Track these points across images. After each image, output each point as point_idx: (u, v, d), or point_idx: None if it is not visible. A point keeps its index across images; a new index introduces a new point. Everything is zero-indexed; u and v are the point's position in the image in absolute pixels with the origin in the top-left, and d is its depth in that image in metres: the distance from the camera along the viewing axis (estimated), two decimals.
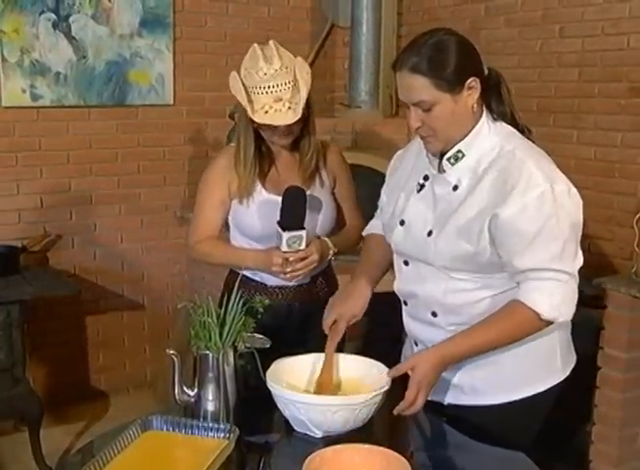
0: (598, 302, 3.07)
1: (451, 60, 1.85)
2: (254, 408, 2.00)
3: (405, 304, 2.12)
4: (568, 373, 2.09)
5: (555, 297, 1.85)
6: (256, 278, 2.55)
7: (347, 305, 2.14)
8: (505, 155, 1.90)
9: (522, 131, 1.99)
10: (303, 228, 2.35)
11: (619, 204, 3.52)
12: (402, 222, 2.05)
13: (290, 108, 2.32)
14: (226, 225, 2.61)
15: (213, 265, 2.78)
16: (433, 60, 1.83)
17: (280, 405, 1.90)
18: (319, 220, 2.53)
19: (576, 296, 1.89)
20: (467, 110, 1.89)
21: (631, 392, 3.12)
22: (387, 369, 1.98)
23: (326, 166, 2.58)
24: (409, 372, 1.87)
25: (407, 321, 2.13)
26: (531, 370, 2.03)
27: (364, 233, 2.36)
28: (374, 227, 2.31)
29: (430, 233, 1.96)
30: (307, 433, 1.87)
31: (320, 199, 2.53)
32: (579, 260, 1.90)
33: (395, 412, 1.85)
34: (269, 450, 1.95)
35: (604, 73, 3.57)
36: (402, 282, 2.10)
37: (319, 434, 1.86)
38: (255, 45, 2.37)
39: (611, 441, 3.14)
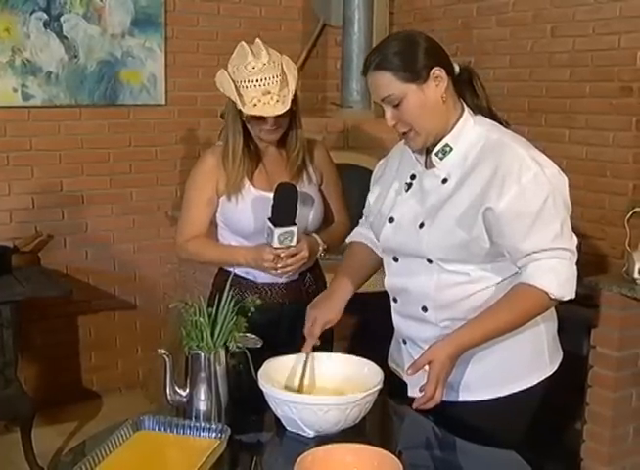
0: (589, 300, 3.08)
1: (412, 52, 1.89)
2: (246, 408, 2.00)
3: (395, 300, 2.12)
4: (555, 368, 2.10)
5: (561, 275, 1.87)
6: (247, 276, 2.55)
7: (323, 311, 2.14)
8: (493, 144, 1.93)
9: (500, 124, 2.02)
10: (295, 224, 2.36)
11: (611, 203, 3.53)
12: (391, 220, 2.06)
13: (278, 100, 2.35)
14: (214, 224, 2.61)
15: (203, 264, 2.78)
16: (394, 54, 1.89)
17: (272, 405, 1.90)
18: (310, 217, 2.54)
19: (576, 273, 1.92)
20: (437, 100, 1.92)
21: (622, 390, 3.13)
22: (377, 368, 1.99)
23: (313, 163, 2.60)
24: (426, 366, 1.86)
25: (396, 319, 2.13)
26: (520, 365, 2.03)
27: (347, 240, 2.37)
28: (357, 235, 2.32)
29: (421, 225, 1.97)
30: (299, 432, 1.87)
31: (311, 195, 2.54)
32: (575, 238, 1.93)
33: (415, 407, 1.86)
34: (261, 450, 1.96)
35: (595, 73, 3.58)
36: (392, 277, 2.11)
37: (311, 433, 1.86)
38: (243, 42, 2.40)
39: (602, 439, 3.15)
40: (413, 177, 2.05)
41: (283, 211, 2.34)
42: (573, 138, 3.69)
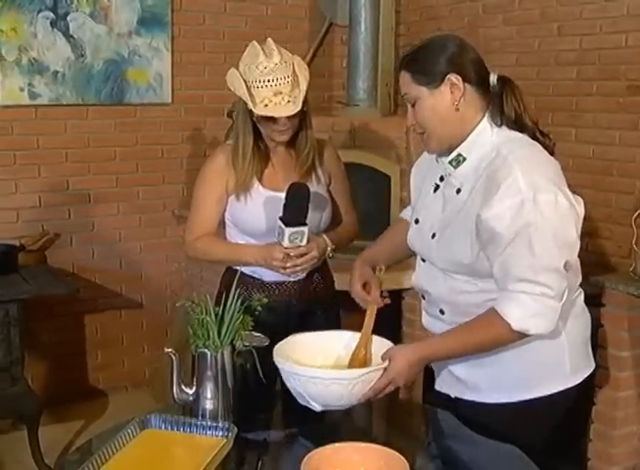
0: (596, 300, 3.07)
1: (435, 56, 1.89)
2: (253, 407, 2.00)
3: (423, 298, 2.14)
4: (579, 380, 2.03)
5: (527, 309, 1.81)
6: (254, 275, 2.55)
7: (368, 264, 2.17)
8: (498, 159, 1.87)
9: (533, 137, 1.96)
10: (306, 224, 2.35)
11: (618, 202, 3.52)
12: (417, 221, 2.08)
13: (289, 101, 2.34)
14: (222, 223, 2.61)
15: (211, 262, 2.78)
16: (418, 56, 1.91)
17: (284, 378, 1.90)
18: (322, 218, 2.54)
19: (555, 310, 1.84)
20: (448, 108, 1.90)
21: (630, 390, 3.13)
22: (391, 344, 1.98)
23: (322, 164, 2.60)
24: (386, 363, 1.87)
25: (424, 315, 2.16)
26: (535, 373, 1.98)
27: (402, 215, 2.36)
28: (406, 215, 2.33)
29: (433, 236, 1.98)
30: (307, 405, 1.86)
31: (324, 196, 2.54)
32: (561, 277, 1.84)
33: (363, 399, 1.86)
34: (268, 448, 1.96)
35: (602, 72, 3.57)
36: (417, 278, 2.13)
37: (318, 407, 1.85)
38: (254, 42, 2.39)
39: (609, 439, 3.15)
40: (441, 179, 2.03)
41: (295, 210, 2.33)
42: (580, 137, 3.68)
